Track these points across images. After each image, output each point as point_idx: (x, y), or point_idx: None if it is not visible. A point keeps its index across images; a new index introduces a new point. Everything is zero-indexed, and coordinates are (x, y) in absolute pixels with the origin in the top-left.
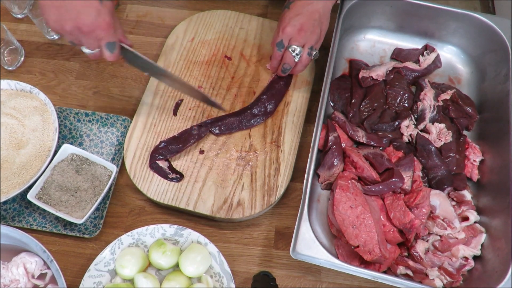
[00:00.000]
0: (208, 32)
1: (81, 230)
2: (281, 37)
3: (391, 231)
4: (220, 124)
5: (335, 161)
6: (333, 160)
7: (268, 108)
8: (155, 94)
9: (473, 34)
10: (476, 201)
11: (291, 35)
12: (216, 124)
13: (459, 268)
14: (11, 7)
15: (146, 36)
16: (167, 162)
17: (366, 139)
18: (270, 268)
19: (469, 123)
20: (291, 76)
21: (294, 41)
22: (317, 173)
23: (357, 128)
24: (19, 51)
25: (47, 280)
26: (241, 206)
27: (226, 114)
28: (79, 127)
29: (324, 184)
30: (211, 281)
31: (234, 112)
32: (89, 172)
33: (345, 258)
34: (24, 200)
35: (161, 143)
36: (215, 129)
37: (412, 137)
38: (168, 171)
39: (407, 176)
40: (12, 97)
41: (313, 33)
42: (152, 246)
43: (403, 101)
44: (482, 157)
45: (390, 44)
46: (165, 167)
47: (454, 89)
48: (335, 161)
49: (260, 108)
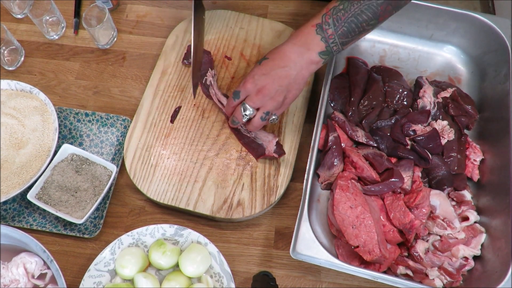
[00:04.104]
0: (208, 32)
1: (81, 230)
2: (240, 89)
3: (391, 231)
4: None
5: (335, 161)
6: (333, 160)
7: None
8: (155, 94)
9: (473, 34)
10: (476, 201)
11: (249, 93)
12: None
13: (459, 268)
14: (11, 7)
15: (146, 36)
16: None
17: (366, 139)
18: (270, 268)
19: (470, 122)
20: None
21: (249, 100)
22: (317, 173)
23: (357, 128)
24: (19, 51)
25: (47, 280)
26: (241, 206)
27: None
28: (79, 127)
29: (324, 184)
30: (211, 281)
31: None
32: (89, 172)
33: (345, 258)
34: (24, 200)
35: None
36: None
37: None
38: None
39: (407, 176)
40: (12, 97)
41: (273, 99)
42: (152, 246)
43: (402, 99)
44: (482, 157)
45: (390, 44)
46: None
47: (455, 87)
48: (335, 161)
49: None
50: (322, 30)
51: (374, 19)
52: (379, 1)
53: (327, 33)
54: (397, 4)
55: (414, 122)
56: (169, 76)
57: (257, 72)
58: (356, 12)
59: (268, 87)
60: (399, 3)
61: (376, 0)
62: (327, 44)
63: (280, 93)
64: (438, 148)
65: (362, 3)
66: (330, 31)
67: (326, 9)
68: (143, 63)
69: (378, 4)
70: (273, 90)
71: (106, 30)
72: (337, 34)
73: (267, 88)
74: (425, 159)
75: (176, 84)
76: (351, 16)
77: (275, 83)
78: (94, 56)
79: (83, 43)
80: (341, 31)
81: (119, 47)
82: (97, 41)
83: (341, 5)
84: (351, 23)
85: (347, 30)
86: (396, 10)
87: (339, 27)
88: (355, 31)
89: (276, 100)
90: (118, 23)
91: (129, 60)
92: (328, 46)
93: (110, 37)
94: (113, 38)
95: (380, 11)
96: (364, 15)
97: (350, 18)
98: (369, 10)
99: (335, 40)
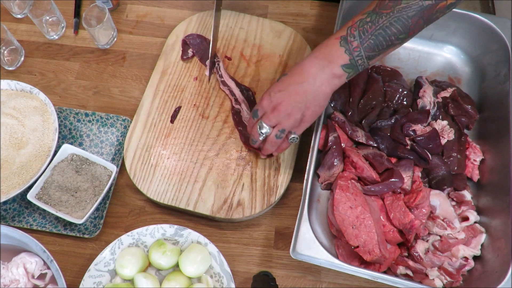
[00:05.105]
0: (208, 32)
1: (81, 230)
2: (257, 108)
3: (391, 231)
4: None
5: (335, 161)
6: (333, 160)
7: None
8: (155, 94)
9: (473, 34)
10: (476, 201)
11: (265, 111)
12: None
13: (459, 268)
14: (11, 7)
15: (146, 36)
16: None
17: (366, 139)
18: (270, 268)
19: (470, 122)
20: None
21: (265, 118)
22: (317, 173)
23: (357, 128)
24: (19, 51)
25: (47, 280)
26: (241, 206)
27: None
28: (79, 127)
29: (324, 184)
30: (211, 281)
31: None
32: (89, 172)
33: (345, 258)
34: (24, 200)
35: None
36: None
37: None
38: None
39: (407, 176)
40: (12, 97)
41: (289, 116)
42: (152, 246)
43: (402, 99)
44: (482, 157)
45: None
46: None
47: (455, 87)
48: (335, 161)
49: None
50: (346, 42)
51: (404, 32)
52: (410, 14)
53: (352, 45)
54: (428, 18)
55: (414, 122)
56: (169, 76)
57: (274, 89)
58: (385, 25)
59: (284, 104)
60: (431, 18)
61: (407, 12)
62: (352, 57)
63: (297, 110)
64: (438, 148)
65: (392, 15)
66: (355, 43)
67: (352, 21)
68: (143, 63)
69: (408, 17)
70: (290, 107)
71: (106, 30)
72: (363, 46)
73: (282, 105)
74: (425, 159)
75: (176, 84)
76: (379, 29)
77: (291, 99)
78: (94, 56)
79: (83, 43)
80: (368, 44)
81: (119, 47)
82: (97, 41)
83: (368, 17)
84: (379, 35)
85: (374, 43)
86: (427, 25)
87: (365, 39)
88: (382, 45)
89: (293, 118)
90: (118, 23)
91: (129, 60)
92: (352, 59)
93: (110, 37)
94: (113, 38)
95: (411, 24)
96: (394, 28)
97: (377, 30)
98: (398, 22)
99: (361, 53)
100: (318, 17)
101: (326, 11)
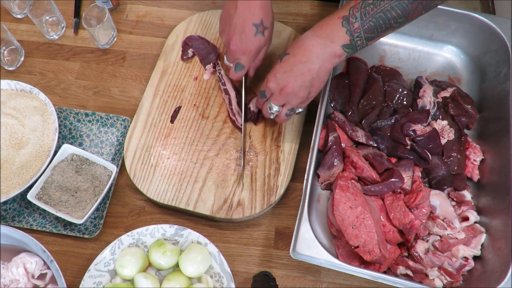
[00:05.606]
0: (208, 32)
1: (81, 230)
2: (264, 89)
3: (391, 231)
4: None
5: (335, 161)
6: (333, 160)
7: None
8: (155, 94)
9: (473, 34)
10: (476, 201)
11: (272, 92)
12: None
13: (459, 268)
14: (11, 7)
15: (146, 36)
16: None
17: (366, 139)
18: (270, 268)
19: (470, 122)
20: None
21: (273, 99)
22: (317, 173)
23: (357, 128)
24: (19, 51)
25: (47, 280)
26: (241, 206)
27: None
28: (79, 127)
29: (324, 184)
30: (211, 281)
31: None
32: (89, 172)
33: (345, 258)
34: (24, 200)
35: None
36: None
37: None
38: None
39: (407, 176)
40: (12, 97)
41: (296, 96)
42: (152, 246)
43: (402, 99)
44: (482, 157)
45: (390, 44)
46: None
47: (455, 87)
48: (335, 161)
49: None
50: (348, 23)
51: (403, 17)
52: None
53: (353, 27)
54: (427, 4)
55: (414, 122)
56: (169, 76)
57: (279, 70)
58: (386, 8)
59: (290, 85)
60: (429, 4)
61: None
62: (352, 38)
63: (303, 89)
64: (438, 148)
65: None
66: (356, 25)
67: (355, 2)
68: (143, 63)
69: (409, 2)
70: (296, 87)
71: (106, 30)
72: (363, 28)
73: (290, 86)
74: (425, 159)
75: (176, 84)
76: (379, 12)
77: (297, 80)
78: (94, 56)
79: (83, 43)
80: (368, 26)
81: (119, 47)
82: (97, 41)
83: None
84: (379, 18)
85: (374, 26)
86: (425, 11)
87: (366, 21)
88: (381, 27)
89: (300, 97)
90: (118, 23)
91: (129, 60)
92: (352, 39)
93: (110, 37)
94: (113, 38)
95: (410, 9)
96: (394, 12)
97: (378, 13)
98: (399, 7)
99: (361, 34)
100: (318, 17)
101: (326, 11)
